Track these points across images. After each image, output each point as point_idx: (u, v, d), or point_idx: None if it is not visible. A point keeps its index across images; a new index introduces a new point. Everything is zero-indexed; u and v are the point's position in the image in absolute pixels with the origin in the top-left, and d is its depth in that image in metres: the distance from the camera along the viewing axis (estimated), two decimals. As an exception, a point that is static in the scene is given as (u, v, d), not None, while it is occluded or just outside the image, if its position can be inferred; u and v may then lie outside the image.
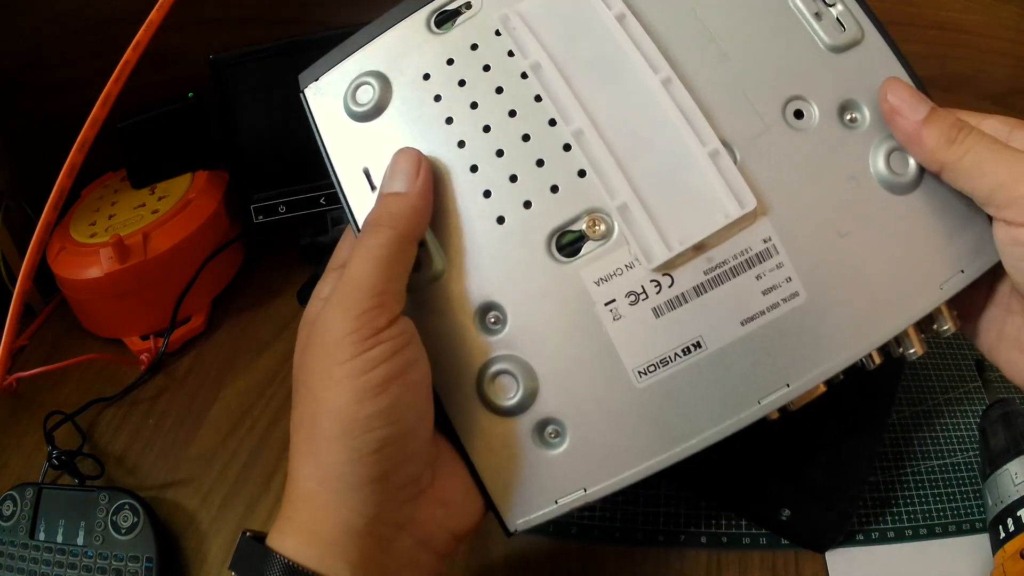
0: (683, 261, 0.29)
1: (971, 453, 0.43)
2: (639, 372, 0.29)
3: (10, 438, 0.48)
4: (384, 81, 0.32)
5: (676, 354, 0.29)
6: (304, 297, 0.58)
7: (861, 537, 0.40)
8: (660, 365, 0.29)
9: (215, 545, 0.41)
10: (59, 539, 0.40)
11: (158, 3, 0.47)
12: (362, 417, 0.26)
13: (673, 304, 0.29)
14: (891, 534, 0.40)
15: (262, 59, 0.53)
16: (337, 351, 0.27)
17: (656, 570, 0.39)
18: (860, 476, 0.39)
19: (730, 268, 0.29)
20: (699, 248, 0.29)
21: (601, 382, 0.30)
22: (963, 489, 0.42)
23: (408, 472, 0.28)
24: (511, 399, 0.30)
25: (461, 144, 0.31)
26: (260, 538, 0.28)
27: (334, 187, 0.33)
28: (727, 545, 0.40)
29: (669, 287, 0.29)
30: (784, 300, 0.29)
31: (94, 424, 0.49)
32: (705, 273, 0.29)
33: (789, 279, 0.29)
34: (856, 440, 0.39)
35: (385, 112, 0.32)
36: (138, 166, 0.57)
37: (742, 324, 0.29)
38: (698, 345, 0.29)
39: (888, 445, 0.44)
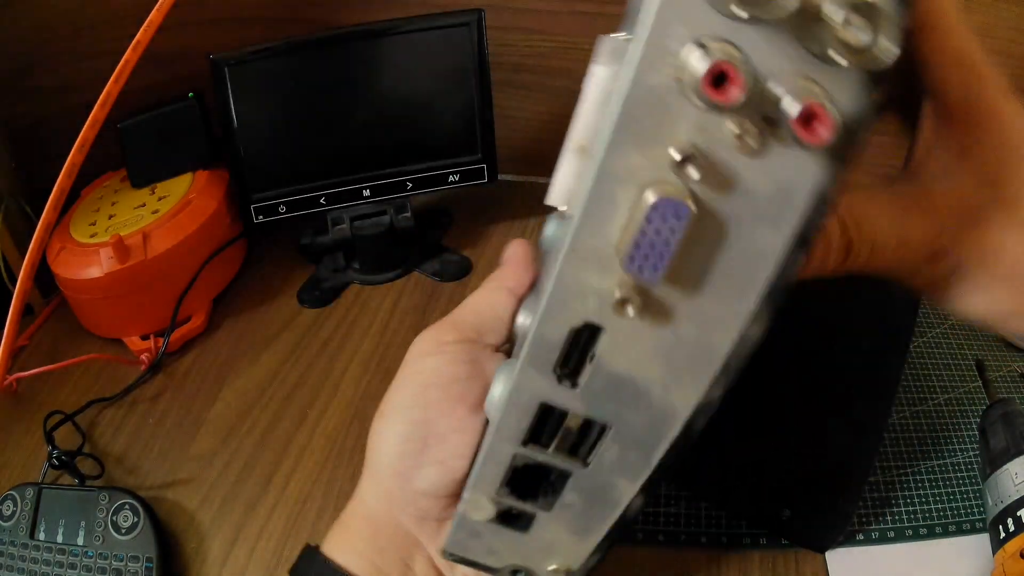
0: None
1: (971, 453, 0.43)
2: None
3: (10, 438, 0.48)
4: None
5: None
6: (304, 297, 0.58)
7: (861, 537, 0.40)
8: None
9: (215, 545, 0.41)
10: (59, 539, 0.40)
11: (158, 3, 0.47)
12: (395, 407, 0.29)
13: None
14: (891, 534, 0.40)
15: (262, 59, 0.53)
16: (408, 358, 0.30)
17: (656, 570, 0.39)
18: (860, 476, 0.39)
19: None
20: None
21: None
22: (963, 489, 0.42)
23: (429, 478, 0.29)
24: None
25: None
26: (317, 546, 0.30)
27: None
28: (727, 545, 0.40)
29: None
30: None
31: (94, 424, 0.49)
32: None
33: None
34: (856, 440, 0.39)
35: None
36: (138, 166, 0.57)
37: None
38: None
39: (888, 445, 0.44)
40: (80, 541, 0.40)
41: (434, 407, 0.29)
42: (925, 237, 0.22)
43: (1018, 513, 0.36)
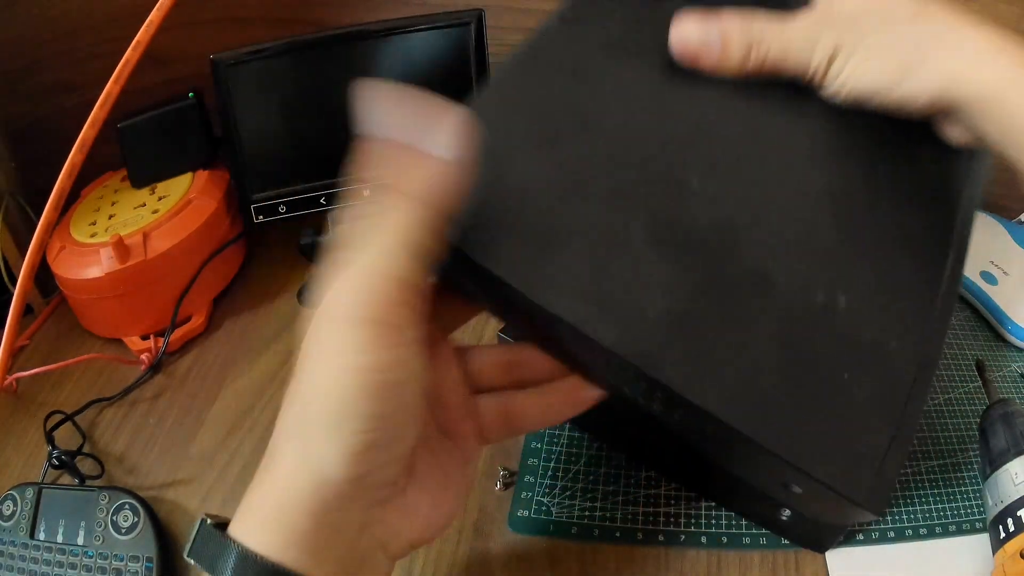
0: None
1: (971, 453, 0.44)
2: None
3: (10, 438, 0.48)
4: None
5: None
6: (304, 297, 0.58)
7: (861, 537, 0.40)
8: None
9: (215, 545, 0.41)
10: (59, 539, 0.40)
11: (158, 3, 0.47)
12: (359, 415, 0.25)
13: None
14: (891, 534, 0.40)
15: (262, 59, 0.53)
16: (351, 337, 0.25)
17: (656, 570, 0.39)
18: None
19: None
20: None
21: None
22: (963, 489, 0.42)
23: (386, 475, 0.27)
24: None
25: None
26: (223, 524, 0.27)
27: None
28: (727, 545, 0.40)
29: None
30: None
31: (94, 424, 0.49)
32: None
33: None
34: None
35: None
36: (138, 166, 0.57)
37: None
38: None
39: (888, 445, 0.44)
40: (80, 541, 0.40)
41: (401, 412, 0.26)
42: (829, 40, 0.31)
43: (1018, 513, 0.36)
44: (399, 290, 0.25)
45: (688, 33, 0.32)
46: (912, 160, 0.32)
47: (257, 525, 0.26)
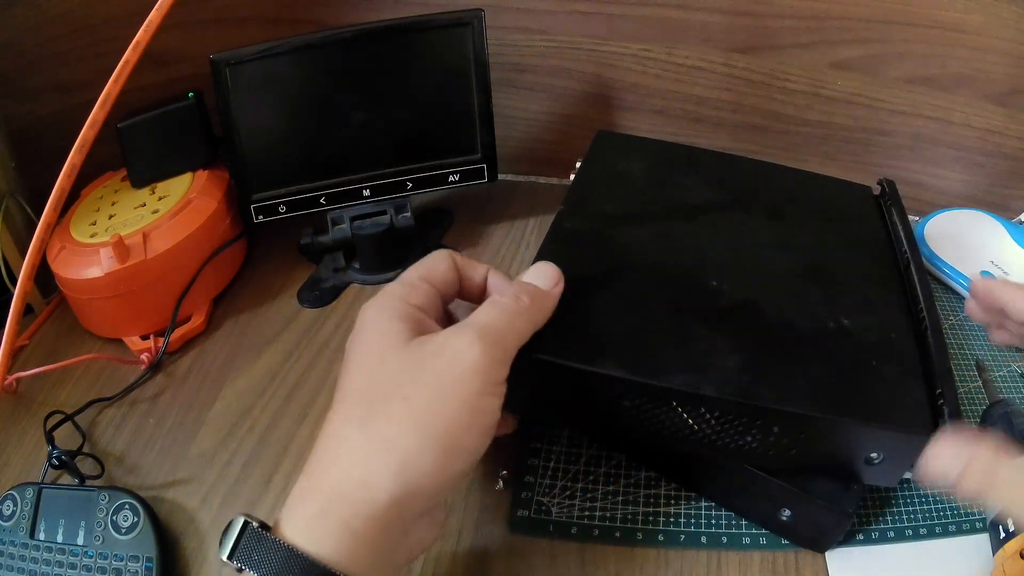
0: None
1: (971, 453, 0.43)
2: None
3: (10, 438, 0.48)
4: None
5: None
6: (304, 297, 0.58)
7: (861, 537, 0.40)
8: None
9: (215, 545, 0.41)
10: (59, 539, 0.40)
11: (158, 3, 0.47)
12: (475, 450, 0.31)
13: None
14: (891, 534, 0.40)
15: (262, 59, 0.53)
16: (471, 381, 0.30)
17: (656, 570, 0.39)
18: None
19: None
20: None
21: None
22: (963, 489, 0.42)
23: (448, 494, 0.32)
24: None
25: None
26: (264, 526, 0.29)
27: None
28: (727, 545, 0.40)
29: None
30: None
31: (94, 424, 0.49)
32: None
33: None
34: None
35: None
36: (138, 166, 0.57)
37: None
38: None
39: (888, 445, 0.44)
40: (80, 541, 0.40)
41: (482, 451, 0.31)
42: None
43: (1018, 513, 0.36)
44: (507, 352, 0.32)
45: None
46: (839, 229, 0.46)
47: (321, 530, 0.28)
